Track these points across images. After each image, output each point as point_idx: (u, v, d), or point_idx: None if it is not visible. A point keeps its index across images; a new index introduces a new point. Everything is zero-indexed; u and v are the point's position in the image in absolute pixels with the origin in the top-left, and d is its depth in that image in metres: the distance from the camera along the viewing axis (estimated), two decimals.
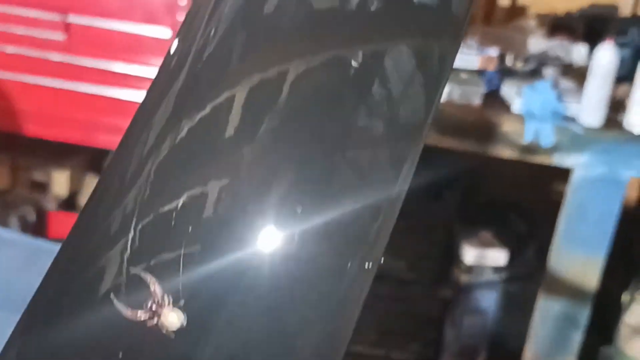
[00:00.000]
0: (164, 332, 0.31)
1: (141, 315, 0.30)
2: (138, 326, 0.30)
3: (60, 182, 2.16)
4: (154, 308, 0.30)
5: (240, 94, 0.37)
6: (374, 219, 0.40)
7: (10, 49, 1.94)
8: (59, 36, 1.92)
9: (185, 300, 0.31)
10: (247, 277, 0.34)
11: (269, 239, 0.35)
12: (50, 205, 2.15)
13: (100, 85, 1.96)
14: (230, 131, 0.36)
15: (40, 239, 1.43)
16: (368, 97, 0.39)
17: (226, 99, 0.36)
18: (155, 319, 0.30)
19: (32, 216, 2.15)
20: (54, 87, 1.98)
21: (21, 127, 2.02)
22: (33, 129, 2.03)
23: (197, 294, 0.32)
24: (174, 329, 0.31)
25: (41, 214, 2.16)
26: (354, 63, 0.38)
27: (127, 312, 0.31)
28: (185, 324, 0.31)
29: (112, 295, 0.31)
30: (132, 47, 1.91)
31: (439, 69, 0.42)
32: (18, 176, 2.20)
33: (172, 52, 0.39)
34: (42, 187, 2.18)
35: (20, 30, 1.92)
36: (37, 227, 2.11)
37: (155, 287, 0.30)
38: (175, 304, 0.31)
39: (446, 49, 0.42)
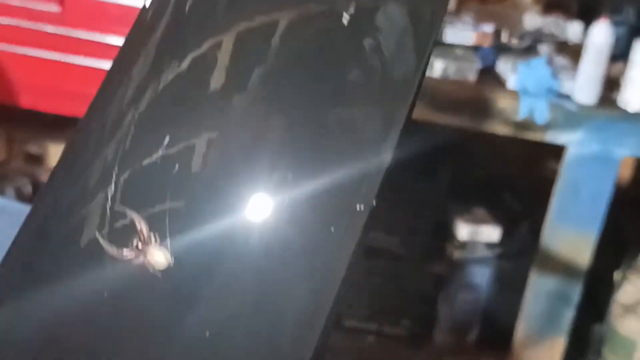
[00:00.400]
0: (151, 270, 0.30)
1: (127, 253, 0.30)
2: (124, 265, 0.30)
3: (55, 154, 2.16)
4: (140, 246, 0.30)
5: (227, 44, 0.36)
6: (362, 180, 0.40)
7: (5, 20, 1.93)
8: (53, 8, 1.91)
9: (171, 240, 0.31)
10: (234, 232, 0.34)
11: (258, 199, 0.35)
12: (46, 178, 2.15)
13: (94, 58, 1.95)
14: (216, 83, 0.36)
15: None
16: (359, 51, 0.39)
17: (211, 48, 0.36)
18: (142, 258, 0.30)
19: (27, 188, 2.15)
20: (49, 59, 1.97)
21: (16, 99, 2.02)
22: (28, 101, 2.02)
23: (183, 236, 0.31)
24: (161, 268, 0.30)
25: (37, 186, 2.16)
26: (345, 15, 0.38)
27: (112, 250, 0.30)
28: (172, 263, 0.30)
29: (97, 234, 0.31)
30: (127, 20, 1.90)
31: (429, 26, 0.42)
32: (13, 149, 2.20)
33: (147, 5, 0.39)
34: (38, 160, 2.18)
35: (15, 1, 1.92)
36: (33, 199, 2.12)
37: (142, 224, 0.30)
38: (161, 242, 0.30)
39: (437, 6, 0.42)
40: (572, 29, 1.94)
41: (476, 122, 1.83)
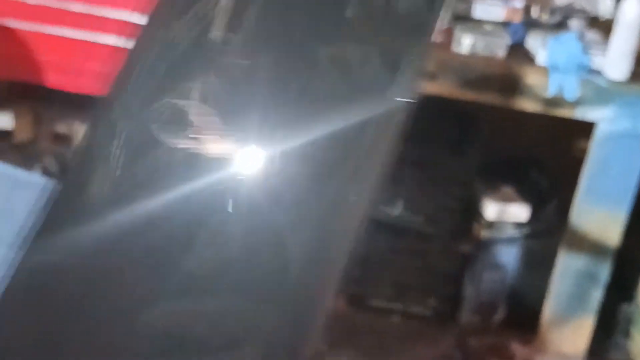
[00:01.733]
0: (206, 156, 0.32)
1: (185, 142, 0.31)
2: (182, 152, 0.32)
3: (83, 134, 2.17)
4: (197, 135, 0.31)
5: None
6: (361, 133, 0.38)
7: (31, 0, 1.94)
8: None
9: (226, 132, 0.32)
10: None
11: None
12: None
13: (121, 37, 1.95)
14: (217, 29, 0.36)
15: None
16: None
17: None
18: (199, 145, 0.31)
19: (54, 168, 2.16)
20: (75, 38, 1.98)
21: (42, 78, 2.02)
22: (54, 79, 2.03)
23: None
24: (217, 153, 0.31)
25: (64, 166, 2.17)
26: None
27: (170, 141, 0.32)
28: (225, 151, 0.32)
29: (152, 127, 0.32)
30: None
31: None
32: (41, 128, 2.21)
33: None
34: (65, 139, 2.19)
35: None
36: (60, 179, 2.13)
37: (197, 116, 0.31)
38: (216, 132, 0.32)
39: None
40: (603, 4, 1.91)
41: (505, 98, 1.81)
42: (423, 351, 1.99)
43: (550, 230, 2.04)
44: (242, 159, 0.34)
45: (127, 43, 2.17)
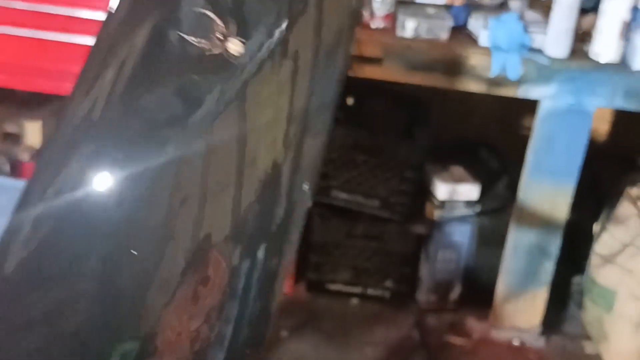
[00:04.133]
0: (227, 56, 0.37)
1: (209, 45, 0.37)
2: (206, 54, 0.37)
3: (32, 132, 2.15)
4: (221, 37, 0.36)
5: None
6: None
7: None
8: None
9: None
10: None
11: None
12: (24, 156, 2.14)
13: (66, 33, 1.94)
14: None
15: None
16: None
17: None
18: (222, 46, 0.37)
19: (6, 167, 2.14)
20: (20, 36, 1.96)
21: None
22: (1, 79, 2.01)
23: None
24: (237, 54, 0.37)
25: (15, 165, 2.15)
26: None
27: (198, 43, 0.37)
28: (243, 52, 0.37)
29: (181, 34, 0.37)
30: None
31: None
32: None
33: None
34: (15, 138, 2.17)
35: None
36: (12, 178, 2.11)
37: (218, 20, 0.37)
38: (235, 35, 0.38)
39: None
40: None
41: (449, 80, 1.84)
42: (383, 332, 2.02)
43: (501, 207, 2.08)
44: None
45: (73, 39, 2.12)
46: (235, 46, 0.37)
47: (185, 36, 0.37)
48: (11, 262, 0.35)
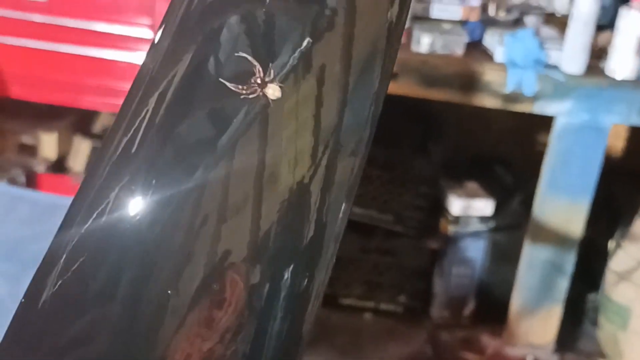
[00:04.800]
0: (264, 101, 0.38)
1: (248, 89, 0.38)
2: (245, 99, 0.38)
3: (48, 144, 2.16)
4: (259, 81, 0.38)
5: None
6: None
7: None
8: None
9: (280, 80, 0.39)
10: None
11: None
12: (40, 168, 2.16)
13: (83, 46, 1.95)
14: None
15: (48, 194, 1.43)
16: None
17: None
18: (260, 92, 0.38)
19: (21, 179, 2.16)
20: (38, 49, 1.97)
21: (6, 90, 2.02)
22: (18, 91, 2.03)
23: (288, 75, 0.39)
24: (274, 98, 0.38)
25: (30, 177, 2.17)
26: None
27: (235, 88, 0.38)
28: (280, 96, 0.38)
29: (220, 79, 0.38)
30: (113, 7, 1.90)
31: None
32: (6, 140, 2.20)
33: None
34: (31, 150, 2.18)
35: None
36: (27, 189, 2.12)
37: (258, 66, 0.38)
38: (273, 79, 0.39)
39: None
40: (559, 1, 1.95)
41: (465, 96, 1.84)
42: (396, 347, 2.02)
43: (515, 223, 2.07)
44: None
45: (89, 52, 2.14)
46: (273, 91, 0.38)
47: (224, 82, 0.38)
48: (49, 291, 0.35)
